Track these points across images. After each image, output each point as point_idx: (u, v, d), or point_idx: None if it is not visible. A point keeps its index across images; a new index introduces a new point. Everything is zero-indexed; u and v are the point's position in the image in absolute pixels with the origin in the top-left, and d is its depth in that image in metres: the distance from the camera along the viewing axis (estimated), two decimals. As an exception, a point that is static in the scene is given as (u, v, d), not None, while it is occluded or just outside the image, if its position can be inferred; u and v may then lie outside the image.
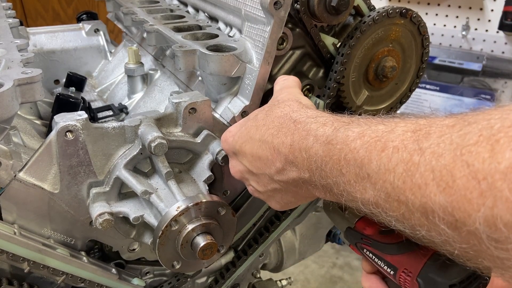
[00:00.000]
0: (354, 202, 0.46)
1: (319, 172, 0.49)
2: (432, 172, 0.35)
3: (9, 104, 0.58)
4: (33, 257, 0.67)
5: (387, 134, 0.42)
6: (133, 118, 0.69)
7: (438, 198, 0.35)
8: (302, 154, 0.52)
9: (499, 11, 1.94)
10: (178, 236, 0.64)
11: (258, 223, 0.94)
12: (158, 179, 0.70)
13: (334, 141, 0.47)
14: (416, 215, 0.38)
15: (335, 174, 0.47)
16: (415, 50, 0.86)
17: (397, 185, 0.39)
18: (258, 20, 0.73)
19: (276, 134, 0.57)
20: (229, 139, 0.67)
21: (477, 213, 0.32)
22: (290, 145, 0.54)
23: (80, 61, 1.29)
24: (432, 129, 0.38)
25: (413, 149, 0.38)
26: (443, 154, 0.35)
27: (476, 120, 0.35)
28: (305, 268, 2.56)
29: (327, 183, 0.49)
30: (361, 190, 0.43)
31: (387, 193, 0.40)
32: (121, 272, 0.81)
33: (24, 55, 0.73)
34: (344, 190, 0.46)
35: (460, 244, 0.35)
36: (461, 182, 0.33)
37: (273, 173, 0.58)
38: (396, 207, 0.40)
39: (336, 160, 0.46)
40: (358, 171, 0.43)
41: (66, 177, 0.66)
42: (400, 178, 0.38)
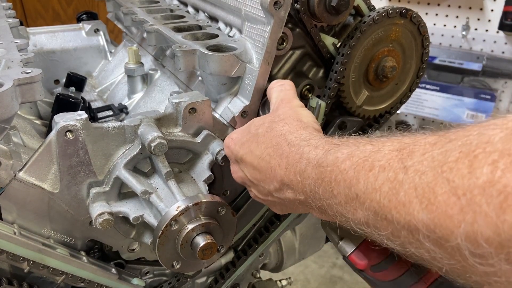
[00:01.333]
0: (347, 223, 0.46)
1: (313, 195, 0.50)
2: (415, 190, 0.36)
3: (9, 104, 0.58)
4: (33, 257, 0.67)
5: (374, 154, 0.43)
6: (133, 118, 0.69)
7: (421, 215, 0.35)
8: (296, 177, 0.53)
9: (499, 11, 1.94)
10: (178, 236, 0.64)
11: (258, 223, 0.94)
12: (158, 179, 0.70)
13: (324, 164, 0.48)
14: (403, 233, 0.38)
15: (327, 196, 0.48)
16: (415, 50, 0.86)
17: (383, 203, 0.39)
18: (258, 20, 0.73)
19: (273, 155, 0.58)
20: (231, 146, 0.68)
21: (458, 229, 0.32)
22: (285, 168, 0.55)
23: (80, 61, 1.29)
24: (415, 148, 0.39)
25: (398, 167, 0.39)
26: (426, 172, 0.36)
27: (456, 136, 0.35)
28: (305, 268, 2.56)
29: (322, 205, 0.49)
30: (352, 211, 0.44)
31: (375, 212, 0.41)
32: (121, 272, 0.81)
33: (24, 55, 0.73)
34: (337, 211, 0.47)
35: (447, 260, 0.35)
36: (442, 199, 0.33)
37: (272, 190, 0.60)
38: (384, 226, 0.40)
39: (327, 182, 0.47)
40: (347, 191, 0.44)
41: (66, 177, 0.66)
42: (386, 196, 0.39)
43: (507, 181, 0.30)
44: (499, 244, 0.30)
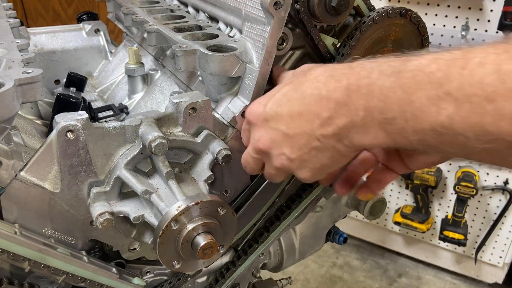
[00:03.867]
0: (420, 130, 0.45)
1: (380, 106, 0.48)
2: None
3: (10, 104, 0.58)
4: (33, 257, 0.67)
5: (467, 54, 0.42)
6: (134, 118, 0.69)
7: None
8: (360, 91, 0.50)
9: (498, 11, 1.94)
10: (178, 235, 0.65)
11: (258, 223, 0.94)
12: (159, 178, 0.71)
13: (404, 70, 0.46)
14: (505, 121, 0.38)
15: (401, 103, 0.46)
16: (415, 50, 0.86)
17: (486, 94, 0.39)
18: (258, 20, 0.73)
19: (325, 84, 0.55)
20: (260, 108, 0.64)
21: None
22: (345, 88, 0.52)
23: (81, 61, 1.29)
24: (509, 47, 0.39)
25: (500, 59, 0.38)
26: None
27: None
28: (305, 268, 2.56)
29: (387, 118, 0.48)
30: (434, 112, 0.43)
31: (472, 105, 0.40)
32: (121, 271, 0.81)
33: (25, 55, 0.73)
34: (411, 118, 0.45)
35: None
36: None
37: (315, 127, 0.56)
38: (479, 118, 0.40)
39: (406, 88, 0.45)
40: (434, 92, 0.43)
41: (67, 176, 0.66)
42: (490, 86, 0.38)
43: None
44: None
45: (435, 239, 2.51)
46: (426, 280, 2.54)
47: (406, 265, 2.65)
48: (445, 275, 2.58)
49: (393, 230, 2.63)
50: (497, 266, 2.40)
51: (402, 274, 2.58)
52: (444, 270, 2.59)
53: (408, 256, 2.68)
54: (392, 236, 2.68)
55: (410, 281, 2.52)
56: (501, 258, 2.37)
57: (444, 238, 2.37)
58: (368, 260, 2.67)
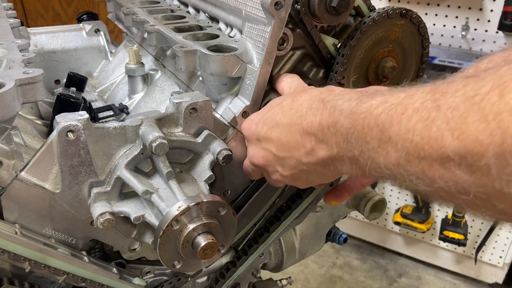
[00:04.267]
0: (378, 169, 0.47)
1: (346, 145, 0.51)
2: (447, 124, 0.38)
3: (11, 104, 0.58)
4: (34, 257, 0.67)
5: (408, 99, 0.44)
6: (134, 118, 0.69)
7: (453, 145, 0.37)
8: (330, 130, 0.54)
9: (498, 11, 1.94)
10: (179, 235, 0.65)
11: (258, 223, 0.94)
12: (159, 179, 0.71)
13: (358, 111, 0.49)
14: (434, 166, 0.40)
15: (360, 143, 0.49)
16: (415, 50, 0.86)
17: (416, 141, 0.41)
18: (259, 20, 0.73)
19: (305, 116, 0.59)
20: (252, 126, 0.69)
21: (487, 152, 0.35)
22: (319, 124, 0.56)
23: (81, 61, 1.29)
24: (448, 88, 0.40)
25: (431, 107, 0.40)
26: (458, 106, 0.38)
27: (487, 75, 0.37)
28: (305, 268, 2.56)
29: (353, 155, 0.51)
30: (384, 154, 0.45)
31: (408, 152, 0.42)
32: (122, 271, 0.81)
33: (26, 55, 0.73)
34: (369, 157, 0.48)
35: (476, 188, 0.37)
36: (473, 127, 0.36)
37: (302, 155, 0.60)
38: (417, 163, 0.42)
39: (360, 129, 0.48)
40: (380, 135, 0.45)
41: (67, 177, 0.66)
42: (419, 134, 0.41)
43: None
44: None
45: (435, 239, 2.51)
46: (426, 280, 2.54)
47: (406, 265, 2.65)
48: (445, 275, 2.58)
49: (393, 230, 2.63)
50: (497, 266, 2.40)
51: (402, 274, 2.58)
52: (444, 270, 2.59)
53: (408, 256, 2.68)
54: (392, 236, 2.69)
55: (410, 281, 2.52)
56: (501, 258, 2.37)
57: (444, 238, 2.37)
58: (368, 260, 2.67)
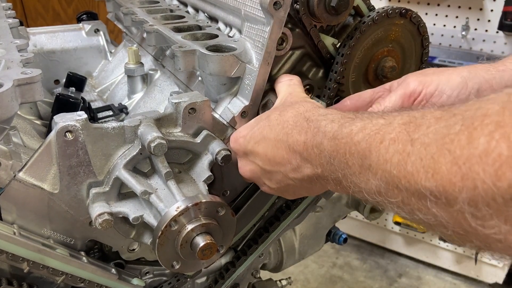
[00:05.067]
0: (360, 193, 0.48)
1: (329, 167, 0.52)
2: (421, 160, 0.39)
3: (9, 104, 0.58)
4: (32, 257, 0.67)
5: (385, 127, 0.45)
6: (133, 119, 0.69)
7: (428, 184, 0.38)
8: (314, 151, 0.55)
9: (498, 11, 1.93)
10: (177, 236, 0.64)
11: (258, 224, 0.94)
12: (158, 179, 0.70)
13: (339, 136, 0.50)
14: (412, 200, 0.41)
15: (342, 167, 0.50)
16: (415, 50, 0.86)
17: (394, 174, 0.42)
18: (258, 20, 0.73)
19: (291, 133, 0.60)
20: (240, 139, 0.70)
21: (460, 194, 0.35)
22: (303, 143, 0.57)
23: (80, 61, 1.29)
24: (422, 121, 0.41)
25: (406, 140, 0.41)
26: (430, 144, 0.38)
27: (459, 111, 0.38)
28: (305, 268, 2.56)
29: (337, 177, 0.51)
30: (365, 181, 0.46)
31: (387, 181, 0.43)
32: (120, 272, 0.81)
33: (24, 55, 0.73)
34: (351, 181, 0.49)
35: (452, 225, 0.38)
36: (446, 168, 0.36)
37: (288, 171, 0.61)
38: (396, 194, 0.43)
39: (342, 154, 0.49)
40: (361, 162, 0.46)
41: (66, 177, 0.66)
42: (396, 167, 0.41)
43: (501, 150, 0.32)
44: (497, 207, 0.33)
45: (435, 239, 2.50)
46: (426, 280, 2.54)
47: (406, 265, 2.65)
48: (446, 275, 2.57)
49: (393, 230, 2.63)
50: (497, 266, 2.40)
51: (402, 274, 2.57)
52: (445, 270, 2.59)
53: (408, 256, 2.67)
54: (392, 236, 2.68)
55: (410, 281, 2.52)
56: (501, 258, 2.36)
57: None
58: (368, 260, 2.66)
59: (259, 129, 0.66)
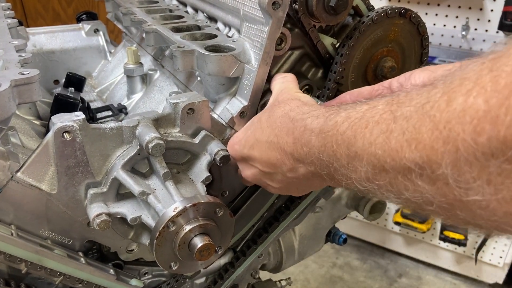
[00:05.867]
0: (352, 185, 0.48)
1: (320, 163, 0.52)
2: (404, 134, 0.38)
3: (6, 105, 0.57)
4: (30, 258, 0.67)
5: (369, 111, 0.44)
6: (131, 119, 0.69)
7: (412, 156, 0.37)
8: (304, 150, 0.55)
9: (499, 11, 1.93)
10: (175, 237, 0.64)
11: (257, 224, 0.94)
12: (156, 179, 0.70)
13: (326, 129, 0.50)
14: (399, 179, 0.40)
15: (331, 160, 0.49)
16: (415, 50, 0.85)
17: (379, 155, 0.41)
18: (257, 20, 0.73)
19: (279, 134, 0.60)
20: (236, 145, 0.70)
21: (443, 160, 0.35)
22: (292, 143, 0.57)
23: (80, 61, 1.29)
24: (405, 99, 0.41)
25: (389, 119, 0.41)
26: (412, 116, 0.38)
27: (441, 82, 0.37)
28: (305, 268, 2.56)
29: (329, 171, 0.51)
30: (353, 170, 0.46)
31: (373, 165, 0.42)
32: (119, 272, 0.81)
33: (22, 56, 0.73)
34: (342, 174, 0.48)
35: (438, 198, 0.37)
36: (427, 136, 0.36)
37: (286, 171, 0.61)
38: (383, 177, 0.42)
39: (330, 147, 0.49)
40: (347, 151, 0.46)
41: (64, 178, 0.66)
42: (380, 147, 0.41)
43: (478, 106, 0.31)
44: (479, 167, 0.32)
45: (435, 239, 2.50)
46: (426, 280, 2.54)
47: (407, 265, 2.64)
48: (446, 275, 2.57)
49: (393, 230, 2.63)
50: (497, 266, 2.40)
51: (402, 274, 2.57)
52: (445, 270, 2.58)
53: (409, 256, 2.67)
54: (392, 236, 2.68)
55: (411, 281, 2.52)
56: (501, 258, 2.36)
57: (445, 238, 2.37)
58: (368, 260, 2.66)
59: (252, 132, 0.67)
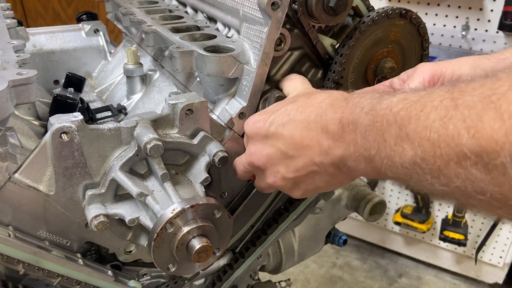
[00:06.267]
0: (393, 168, 0.47)
1: (363, 143, 0.51)
2: (464, 122, 0.38)
3: (4, 105, 0.57)
4: (28, 259, 0.66)
5: (427, 96, 0.44)
6: (129, 120, 0.69)
7: (469, 143, 0.37)
8: (350, 127, 0.53)
9: (498, 11, 1.93)
10: (173, 238, 0.64)
11: (256, 225, 0.93)
12: (154, 181, 0.70)
13: (378, 108, 0.49)
14: (451, 165, 0.40)
15: (378, 140, 0.48)
16: (415, 51, 0.85)
17: (434, 138, 0.41)
18: (256, 20, 0.73)
19: (325, 113, 0.58)
20: (259, 123, 0.66)
21: (503, 150, 0.35)
22: (339, 121, 0.55)
23: (80, 61, 1.28)
24: (467, 87, 0.40)
25: (449, 105, 0.40)
26: (475, 105, 0.38)
27: (505, 74, 0.38)
28: (305, 268, 2.56)
29: (369, 154, 0.50)
30: (400, 152, 0.45)
31: (424, 149, 0.42)
32: (117, 274, 0.81)
33: (20, 56, 0.72)
34: (385, 156, 0.47)
35: (492, 187, 0.37)
36: (489, 125, 0.36)
37: (315, 154, 0.59)
38: (432, 162, 0.41)
39: (379, 127, 0.48)
40: (398, 132, 0.45)
41: (62, 178, 0.65)
42: (436, 132, 0.41)
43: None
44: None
45: (435, 239, 2.50)
46: (426, 280, 2.53)
47: (406, 265, 2.64)
48: (446, 275, 2.57)
49: (393, 230, 2.63)
50: (497, 266, 2.40)
51: (402, 274, 2.57)
52: (445, 270, 2.58)
53: (408, 256, 2.67)
54: (392, 236, 2.68)
55: (410, 281, 2.52)
56: (501, 258, 2.36)
57: (445, 238, 2.37)
58: (368, 260, 2.66)
59: (285, 111, 0.63)
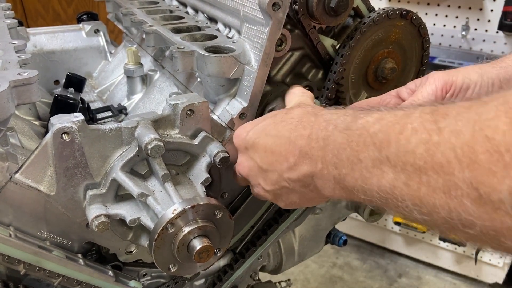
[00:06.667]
0: (368, 191, 0.45)
1: (334, 161, 0.49)
2: (454, 150, 0.36)
3: (5, 105, 0.57)
4: (28, 259, 0.66)
5: (405, 117, 0.42)
6: (130, 120, 0.69)
7: (462, 174, 0.35)
8: (319, 143, 0.52)
9: (498, 11, 1.93)
10: (174, 239, 0.64)
11: (256, 226, 0.93)
12: (155, 181, 0.70)
13: (353, 127, 0.48)
14: (438, 194, 0.37)
15: (351, 161, 0.47)
16: (415, 52, 0.85)
17: (419, 165, 0.38)
18: (257, 21, 0.73)
19: (295, 129, 0.58)
20: (243, 134, 0.68)
21: (502, 185, 0.32)
22: (307, 136, 0.54)
23: (80, 61, 1.29)
24: (449, 110, 0.38)
25: (431, 129, 0.38)
26: (462, 131, 0.35)
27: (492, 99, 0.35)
28: (305, 268, 2.56)
29: (340, 174, 0.49)
30: (378, 175, 0.43)
31: (408, 175, 0.40)
32: (118, 274, 0.81)
33: (21, 56, 0.72)
34: (360, 177, 0.46)
35: (483, 222, 0.35)
36: (484, 157, 0.33)
37: (284, 170, 0.59)
38: (416, 188, 0.39)
39: (354, 146, 0.46)
40: (376, 154, 0.43)
41: (62, 179, 0.65)
42: (421, 158, 0.38)
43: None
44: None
45: (435, 239, 2.50)
46: (426, 280, 2.53)
47: (406, 265, 2.64)
48: (446, 275, 2.57)
49: (393, 230, 2.63)
50: (497, 266, 2.39)
51: (402, 274, 2.57)
52: (445, 270, 2.58)
53: (408, 256, 2.67)
54: (392, 236, 2.68)
55: (410, 281, 2.52)
56: (501, 258, 2.36)
57: (445, 238, 2.36)
58: (368, 260, 2.66)
59: (263, 125, 0.65)
